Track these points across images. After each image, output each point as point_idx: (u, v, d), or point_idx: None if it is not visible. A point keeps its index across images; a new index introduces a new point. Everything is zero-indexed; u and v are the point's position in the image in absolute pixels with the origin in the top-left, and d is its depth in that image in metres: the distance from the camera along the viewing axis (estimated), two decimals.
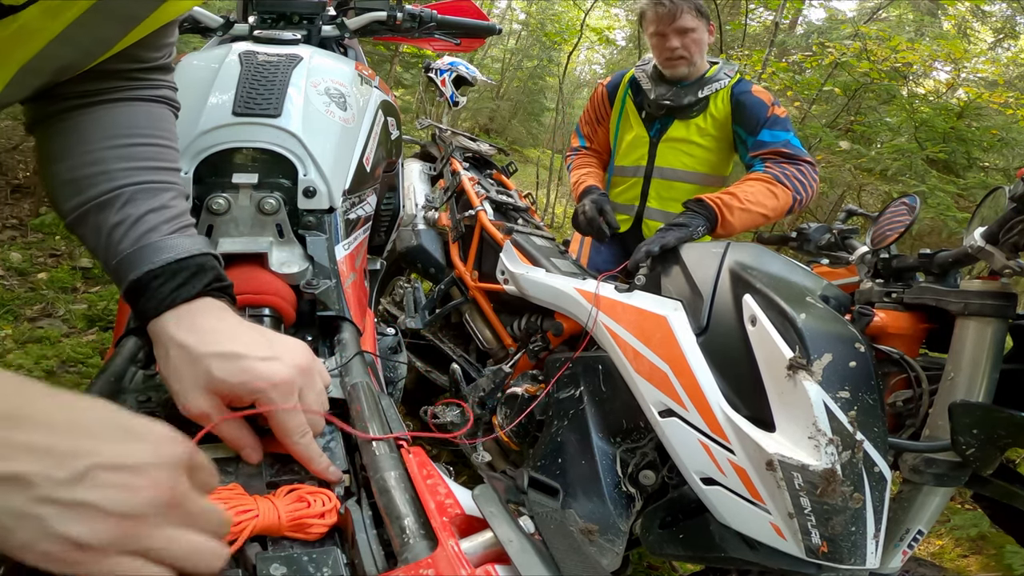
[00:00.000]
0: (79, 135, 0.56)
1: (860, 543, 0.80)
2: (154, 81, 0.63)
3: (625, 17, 8.71)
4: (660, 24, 1.66)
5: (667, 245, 1.23)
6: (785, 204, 1.48)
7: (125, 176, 0.55)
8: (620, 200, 1.89)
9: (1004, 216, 0.81)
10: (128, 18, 0.53)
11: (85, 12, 0.47)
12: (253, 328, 0.53)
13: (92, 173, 0.55)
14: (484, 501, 0.44)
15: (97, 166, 0.55)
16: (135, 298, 0.52)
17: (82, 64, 0.55)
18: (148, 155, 0.58)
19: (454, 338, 1.78)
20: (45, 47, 0.48)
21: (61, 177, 0.56)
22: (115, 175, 0.55)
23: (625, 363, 1.09)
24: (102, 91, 0.59)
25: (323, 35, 1.13)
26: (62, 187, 0.56)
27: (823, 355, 0.84)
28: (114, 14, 0.51)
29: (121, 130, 0.58)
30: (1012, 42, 6.97)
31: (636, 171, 1.84)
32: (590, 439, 1.15)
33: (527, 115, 9.61)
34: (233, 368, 0.47)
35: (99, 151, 0.56)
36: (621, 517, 1.08)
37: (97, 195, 0.54)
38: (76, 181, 0.55)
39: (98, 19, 0.49)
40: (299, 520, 0.43)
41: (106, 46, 0.54)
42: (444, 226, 1.85)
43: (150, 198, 0.55)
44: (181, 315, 0.51)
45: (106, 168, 0.55)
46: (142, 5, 0.52)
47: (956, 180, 3.93)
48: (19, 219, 2.87)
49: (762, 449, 0.84)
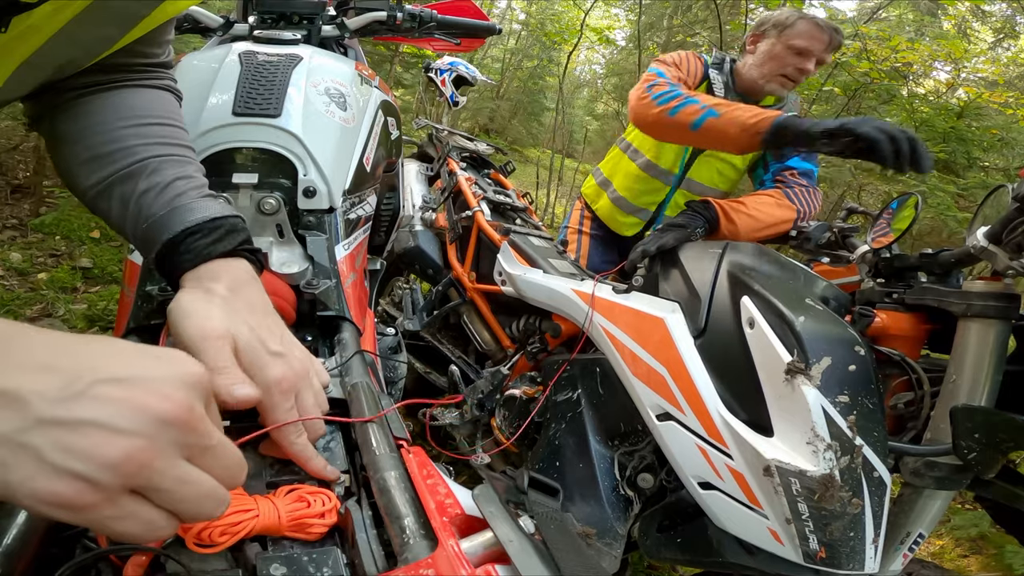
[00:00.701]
0: (95, 117, 0.58)
1: (859, 548, 0.80)
2: (158, 73, 0.65)
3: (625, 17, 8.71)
4: (811, 42, 1.56)
5: (664, 246, 1.21)
6: (789, 218, 1.47)
7: (146, 151, 0.57)
8: (636, 201, 1.81)
9: (1007, 215, 0.79)
10: (128, 16, 0.54)
11: (84, 9, 0.48)
12: (272, 314, 0.54)
13: (114, 150, 0.57)
14: (484, 501, 0.44)
15: (117, 143, 0.57)
16: (169, 255, 0.53)
17: (82, 61, 0.56)
18: (165, 134, 0.60)
19: (453, 339, 1.77)
20: (45, 43, 0.49)
21: (80, 156, 0.57)
22: (136, 150, 0.57)
23: (622, 366, 1.08)
24: (110, 81, 0.60)
25: (323, 35, 1.13)
26: (82, 166, 0.57)
27: (822, 359, 0.82)
28: (114, 12, 0.52)
29: (137, 111, 0.60)
30: (1012, 42, 6.97)
31: (667, 177, 1.76)
32: (588, 442, 1.15)
33: (527, 115, 9.62)
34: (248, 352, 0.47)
35: (117, 130, 0.58)
36: (619, 520, 1.07)
37: (121, 168, 0.56)
38: (98, 159, 0.57)
39: (98, 16, 0.50)
40: (299, 520, 0.43)
41: (107, 44, 0.55)
42: (441, 227, 1.84)
43: (175, 167, 0.58)
44: (217, 268, 0.52)
45: (127, 144, 0.57)
46: (142, 4, 0.53)
47: (956, 180, 3.93)
48: (19, 219, 2.87)
49: (759, 454, 0.83)
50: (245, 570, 0.40)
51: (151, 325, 0.64)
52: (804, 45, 1.56)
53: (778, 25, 1.60)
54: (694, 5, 7.75)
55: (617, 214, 1.88)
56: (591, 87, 13.16)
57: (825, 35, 1.55)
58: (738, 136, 1.23)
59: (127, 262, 0.79)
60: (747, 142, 1.24)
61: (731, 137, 1.25)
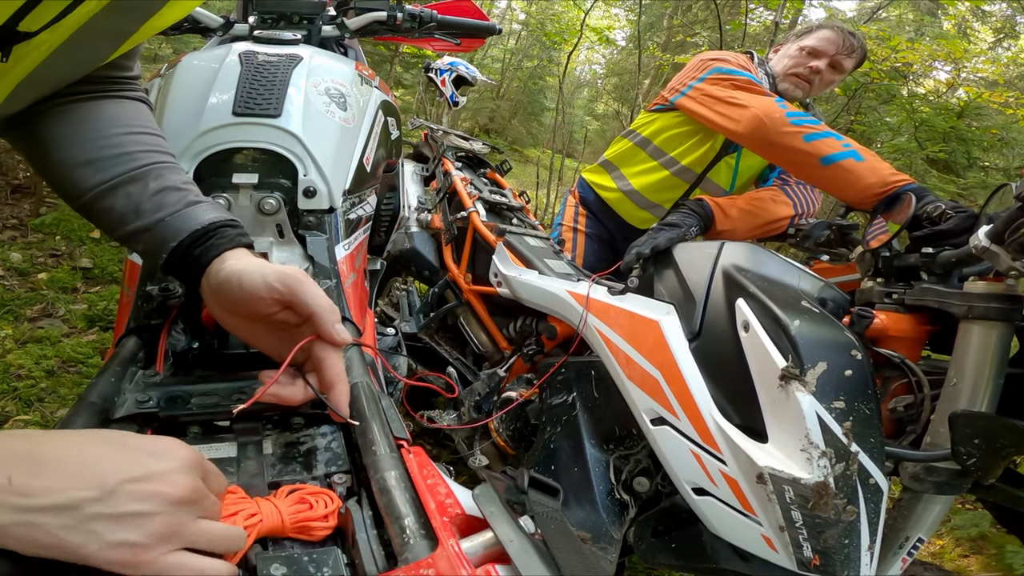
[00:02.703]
0: (87, 124, 0.61)
1: (854, 555, 0.79)
2: (133, 85, 0.69)
3: (625, 17, 8.72)
4: (823, 43, 1.56)
5: (658, 247, 1.20)
6: (787, 215, 1.47)
7: (147, 157, 0.61)
8: (653, 198, 1.77)
9: (1010, 215, 0.77)
10: (118, 33, 0.57)
11: (79, 29, 0.51)
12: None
13: (115, 154, 0.60)
14: (484, 501, 0.44)
15: (117, 148, 0.61)
16: (199, 242, 0.58)
17: (73, 76, 0.59)
18: (156, 143, 0.64)
19: (450, 341, 1.76)
20: (43, 62, 0.52)
21: (76, 160, 0.60)
22: (137, 156, 0.61)
23: (617, 369, 1.06)
24: (94, 91, 0.64)
25: (323, 35, 1.13)
26: (78, 168, 0.60)
27: (817, 364, 0.81)
28: (106, 30, 0.54)
29: (126, 120, 0.63)
30: (1012, 42, 6.97)
31: (687, 174, 1.72)
32: (583, 445, 1.13)
33: (527, 115, 9.62)
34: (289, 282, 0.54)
35: (115, 136, 0.61)
36: (614, 525, 1.06)
37: (127, 171, 0.60)
38: (97, 162, 0.60)
39: (92, 34, 0.53)
40: (302, 523, 0.43)
41: (99, 59, 0.58)
42: (437, 228, 1.82)
43: (178, 173, 0.63)
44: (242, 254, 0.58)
45: (128, 150, 0.61)
46: (130, 21, 0.56)
47: (956, 180, 3.93)
48: (19, 219, 2.87)
49: (753, 461, 0.82)
50: (245, 570, 0.40)
51: (151, 325, 0.64)
52: (815, 45, 1.56)
53: (799, 32, 1.62)
54: (694, 5, 7.76)
55: (630, 207, 1.84)
56: (591, 87, 13.17)
57: (838, 37, 1.54)
58: (867, 192, 1.17)
59: (127, 262, 0.79)
60: (870, 200, 1.17)
61: (862, 186, 1.18)
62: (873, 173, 1.17)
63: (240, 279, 0.54)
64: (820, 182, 1.32)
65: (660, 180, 1.75)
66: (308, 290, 0.54)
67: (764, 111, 1.36)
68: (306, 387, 0.54)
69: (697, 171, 1.70)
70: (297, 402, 0.53)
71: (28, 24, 0.47)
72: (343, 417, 0.52)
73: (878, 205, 1.13)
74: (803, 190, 1.52)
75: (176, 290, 0.65)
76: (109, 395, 0.53)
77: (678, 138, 1.70)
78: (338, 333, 0.54)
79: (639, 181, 1.79)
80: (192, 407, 0.54)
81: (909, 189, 1.10)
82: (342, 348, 0.55)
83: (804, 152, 1.27)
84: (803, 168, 1.32)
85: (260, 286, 0.53)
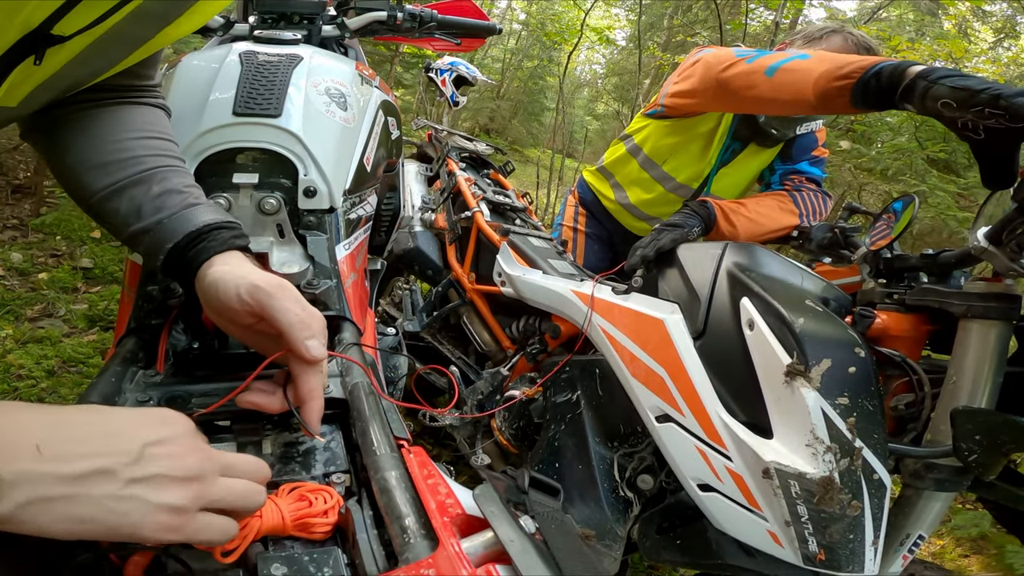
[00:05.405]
0: (101, 129, 0.63)
1: (858, 550, 0.79)
2: (152, 92, 0.70)
3: (625, 17, 8.72)
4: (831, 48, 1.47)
5: (662, 248, 1.20)
6: (791, 224, 1.44)
7: (154, 160, 0.63)
8: (650, 211, 1.75)
9: (1007, 216, 0.78)
10: (135, 40, 0.58)
11: (101, 36, 0.51)
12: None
13: (124, 158, 0.62)
14: (485, 501, 0.44)
15: (127, 152, 0.62)
16: (192, 244, 0.59)
17: (88, 81, 0.60)
18: (166, 147, 0.66)
19: (453, 340, 1.77)
20: (62, 67, 0.53)
21: (89, 163, 0.62)
22: (144, 160, 0.63)
23: (622, 367, 1.07)
24: (111, 97, 0.65)
25: (323, 35, 1.13)
26: (90, 171, 0.62)
27: (821, 361, 0.82)
28: (125, 36, 0.55)
29: (138, 125, 0.65)
30: (1012, 42, 6.97)
31: (684, 191, 1.68)
32: (587, 443, 1.14)
33: (527, 115, 9.63)
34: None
35: (125, 141, 0.63)
36: (619, 522, 1.06)
37: (133, 174, 0.61)
38: (107, 165, 0.62)
39: (112, 40, 0.54)
40: (303, 520, 0.43)
41: (113, 64, 0.59)
42: (441, 228, 1.83)
43: (183, 176, 0.64)
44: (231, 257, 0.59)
45: (136, 154, 0.63)
46: (149, 28, 0.57)
47: (956, 179, 3.92)
48: (20, 219, 2.87)
49: (758, 457, 0.83)
50: (246, 570, 0.40)
51: (152, 325, 0.64)
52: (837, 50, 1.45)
53: (807, 35, 1.53)
54: (694, 5, 7.76)
55: (629, 218, 1.84)
56: (591, 87, 13.17)
57: (846, 42, 1.46)
58: (821, 81, 0.97)
59: (128, 262, 0.79)
60: (833, 92, 0.95)
61: (814, 78, 0.98)
62: (822, 63, 0.99)
63: (217, 288, 0.54)
64: (772, 99, 1.13)
65: (656, 197, 1.74)
66: (278, 304, 0.52)
67: (712, 55, 1.26)
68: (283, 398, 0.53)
69: (692, 186, 1.69)
70: (275, 411, 0.53)
71: (62, 28, 0.48)
72: (312, 433, 0.52)
73: (855, 99, 0.92)
74: (812, 197, 1.50)
75: (176, 290, 0.65)
76: (110, 395, 0.53)
77: (667, 149, 1.67)
78: (308, 349, 0.52)
79: (636, 196, 1.78)
80: (192, 407, 0.54)
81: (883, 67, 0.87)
82: (317, 364, 0.53)
83: (748, 73, 1.14)
84: (753, 92, 1.15)
85: (232, 298, 0.53)
